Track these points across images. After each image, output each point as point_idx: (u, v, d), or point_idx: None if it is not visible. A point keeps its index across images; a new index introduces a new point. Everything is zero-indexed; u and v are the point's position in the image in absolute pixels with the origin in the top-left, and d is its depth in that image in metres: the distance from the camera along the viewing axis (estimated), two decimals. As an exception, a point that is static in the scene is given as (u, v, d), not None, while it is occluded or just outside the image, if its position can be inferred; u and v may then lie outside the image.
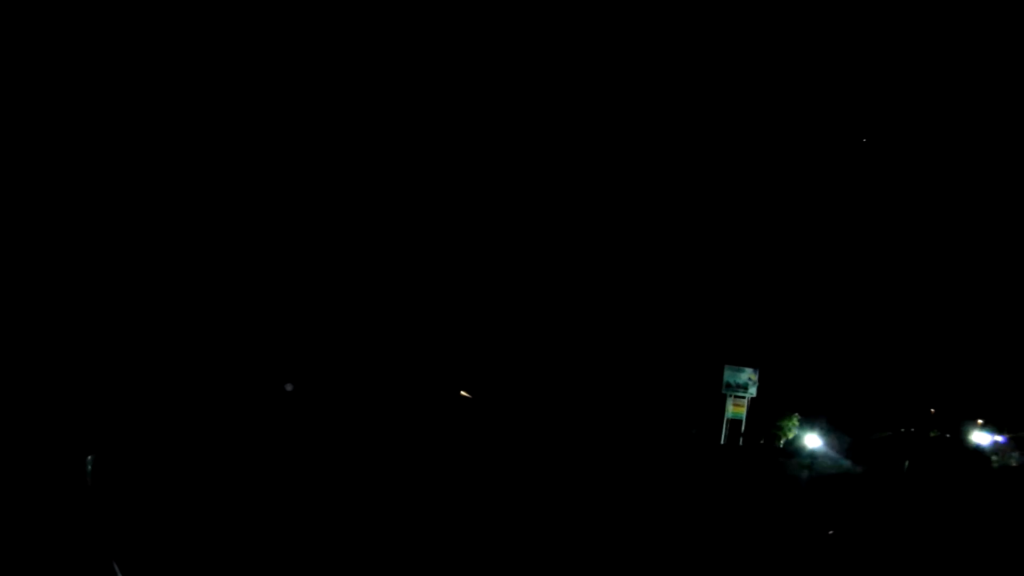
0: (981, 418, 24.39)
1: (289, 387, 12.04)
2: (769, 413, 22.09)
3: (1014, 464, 19.52)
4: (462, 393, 16.83)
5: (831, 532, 8.44)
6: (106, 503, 4.63)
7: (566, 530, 6.97)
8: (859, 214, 23.66)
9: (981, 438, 22.32)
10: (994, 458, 18.91)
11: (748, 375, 20.25)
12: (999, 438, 22.45)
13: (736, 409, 20.28)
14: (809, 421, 21.54)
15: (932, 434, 21.71)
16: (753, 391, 20.31)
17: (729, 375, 20.23)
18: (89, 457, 4.92)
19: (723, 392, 20.34)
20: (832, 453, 17.90)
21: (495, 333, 19.64)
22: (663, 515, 8.46)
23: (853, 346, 23.59)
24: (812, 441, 19.27)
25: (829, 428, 19.75)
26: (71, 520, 4.27)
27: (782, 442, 22.18)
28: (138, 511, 4.88)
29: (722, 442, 20.07)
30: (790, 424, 22.50)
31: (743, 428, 20.43)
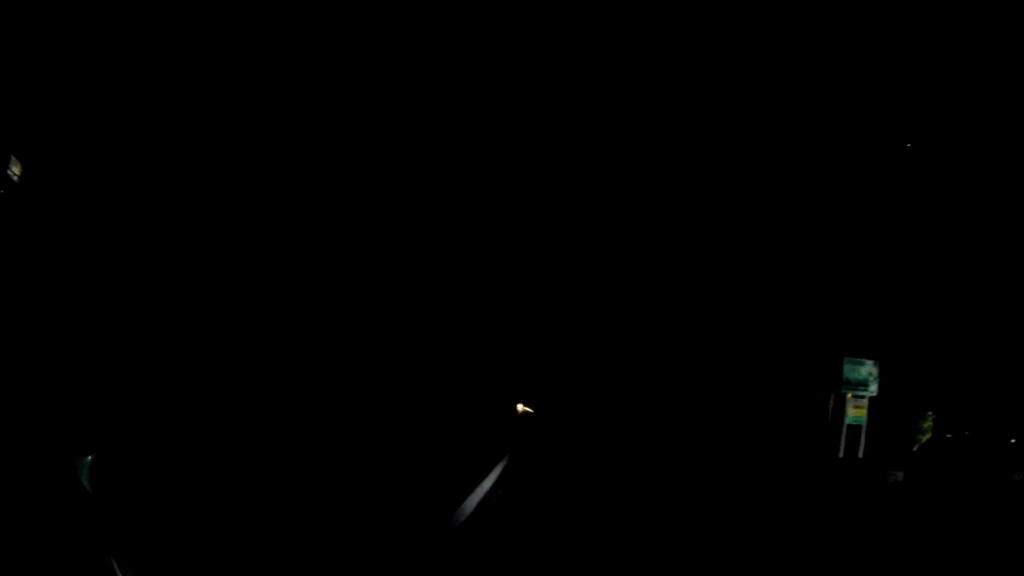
0: None
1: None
2: (894, 414, 18.32)
3: None
4: (521, 407, 15.03)
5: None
6: (104, 503, 4.31)
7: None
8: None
9: None
10: None
11: (869, 369, 16.58)
12: None
13: (856, 412, 16.57)
14: (946, 421, 18.10)
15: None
16: (874, 388, 16.55)
17: (849, 370, 16.61)
18: (88, 458, 4.70)
19: (842, 392, 16.52)
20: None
21: (560, 335, 17.28)
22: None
23: (997, 326, 19.55)
24: None
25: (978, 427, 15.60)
26: (70, 520, 3.97)
27: (916, 447, 18.41)
28: (138, 511, 4.60)
29: (840, 454, 15.50)
30: (926, 426, 18.94)
31: (863, 434, 16.42)
